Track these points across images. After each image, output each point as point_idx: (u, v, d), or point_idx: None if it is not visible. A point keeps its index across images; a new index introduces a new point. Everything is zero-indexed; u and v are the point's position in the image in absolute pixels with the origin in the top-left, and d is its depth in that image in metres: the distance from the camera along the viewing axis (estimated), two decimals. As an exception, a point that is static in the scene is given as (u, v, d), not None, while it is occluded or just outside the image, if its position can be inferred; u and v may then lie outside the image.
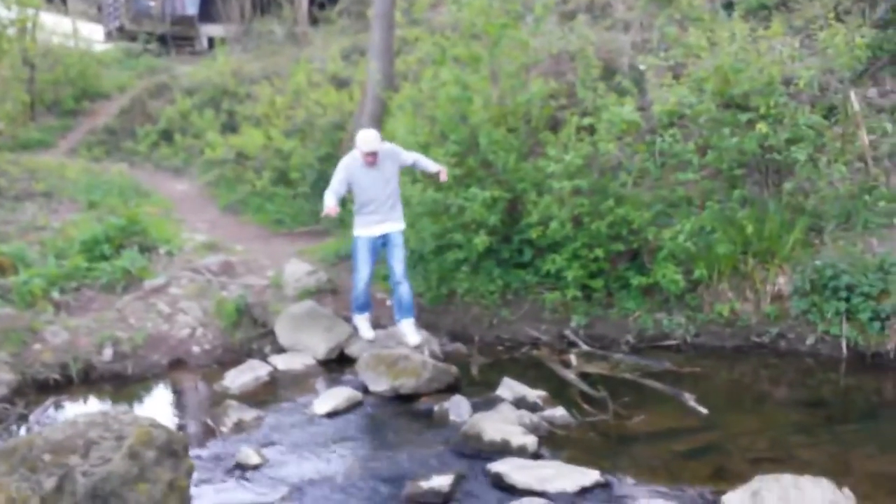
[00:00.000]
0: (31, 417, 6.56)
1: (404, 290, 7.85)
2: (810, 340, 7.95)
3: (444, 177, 8.19)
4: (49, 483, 4.54)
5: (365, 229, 7.82)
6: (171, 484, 4.76)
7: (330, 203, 7.52)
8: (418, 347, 7.62)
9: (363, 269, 7.84)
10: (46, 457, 4.66)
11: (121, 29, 25.70)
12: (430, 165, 8.23)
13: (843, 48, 9.71)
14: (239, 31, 22.77)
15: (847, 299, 7.83)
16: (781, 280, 8.32)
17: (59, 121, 19.82)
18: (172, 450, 4.87)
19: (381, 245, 7.90)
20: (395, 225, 7.92)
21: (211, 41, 23.55)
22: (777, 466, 5.17)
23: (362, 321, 8.10)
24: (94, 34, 26.88)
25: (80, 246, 9.43)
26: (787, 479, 4.84)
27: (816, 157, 8.92)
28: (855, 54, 9.89)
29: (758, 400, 7.07)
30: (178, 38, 25.09)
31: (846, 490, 4.75)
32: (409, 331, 7.84)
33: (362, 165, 7.69)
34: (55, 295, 8.47)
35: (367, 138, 7.66)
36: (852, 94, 10.13)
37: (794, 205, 8.82)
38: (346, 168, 7.76)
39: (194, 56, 23.30)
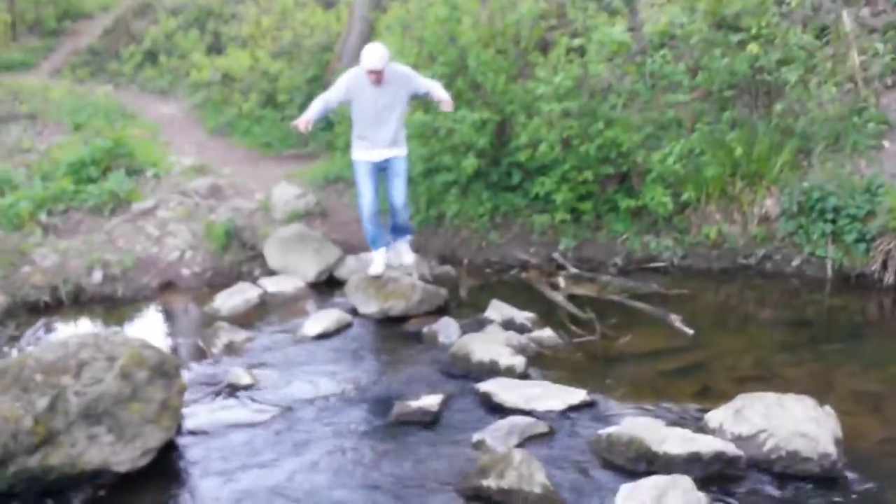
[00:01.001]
0: (23, 339, 6.57)
1: (402, 219, 7.60)
2: (796, 262, 8.00)
3: (447, 107, 7.44)
4: (42, 402, 4.58)
5: (364, 152, 7.21)
6: (164, 403, 4.81)
7: (306, 115, 7.02)
8: (410, 267, 7.56)
9: (366, 195, 7.27)
10: (38, 377, 4.68)
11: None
12: (442, 94, 7.38)
13: (837, -33, 9.59)
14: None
15: (833, 221, 7.86)
16: (769, 202, 8.33)
17: (42, 41, 19.51)
18: (164, 370, 4.91)
19: (382, 170, 7.36)
20: (397, 150, 7.28)
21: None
22: (761, 385, 5.25)
23: (377, 254, 7.44)
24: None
25: (67, 168, 9.38)
26: (770, 397, 4.91)
27: (807, 79, 8.87)
28: (849, -27, 9.79)
29: (743, 320, 7.14)
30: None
31: (827, 407, 4.81)
32: (403, 249, 7.69)
33: (369, 82, 6.93)
34: (43, 217, 8.46)
35: (371, 54, 6.79)
36: (844, 14, 10.01)
37: (784, 126, 8.78)
38: (351, 81, 7.04)
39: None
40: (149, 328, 7.04)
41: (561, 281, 7.89)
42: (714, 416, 4.90)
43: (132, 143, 10.11)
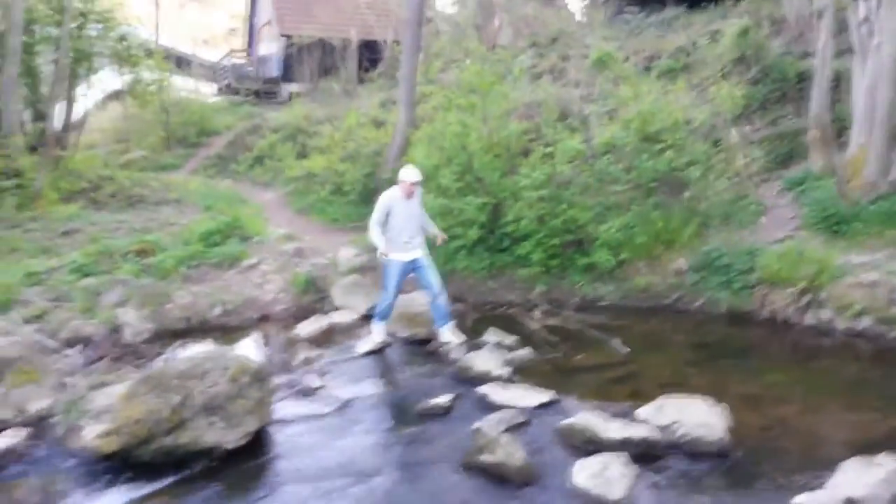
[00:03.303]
0: (165, 354, 6.61)
1: (442, 300, 6.68)
2: (699, 303, 7.95)
3: (440, 241, 7.05)
4: (176, 399, 4.59)
5: (399, 254, 6.59)
6: (260, 400, 4.81)
7: (380, 242, 6.43)
8: (460, 345, 6.57)
9: (392, 290, 6.67)
10: (174, 381, 4.70)
11: (228, 86, 25.64)
12: (431, 228, 7.03)
13: (726, 98, 9.70)
14: (309, 87, 22.72)
15: (726, 273, 7.83)
16: (681, 260, 8.31)
17: (185, 150, 19.81)
18: (260, 377, 4.91)
19: (410, 269, 6.69)
20: (421, 251, 6.73)
21: (290, 95, 23.49)
22: (675, 389, 5.18)
23: (379, 328, 6.82)
24: (209, 90, 26.86)
25: (199, 236, 9.47)
26: (682, 397, 4.88)
27: (706, 175, 8.91)
28: (735, 102, 9.88)
29: (663, 343, 7.08)
30: (267, 93, 25.00)
31: (722, 405, 4.77)
32: (449, 334, 6.68)
33: (401, 198, 6.51)
34: (182, 270, 8.52)
35: (413, 172, 6.57)
36: (732, 131, 10.10)
37: (691, 208, 8.81)
38: (387, 200, 6.54)
39: (278, 105, 23.19)
40: (253, 348, 7.04)
41: (536, 314, 7.87)
42: (642, 411, 4.86)
43: (244, 219, 10.22)
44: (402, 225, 6.58)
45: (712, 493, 4.01)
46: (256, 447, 4.70)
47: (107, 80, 18.71)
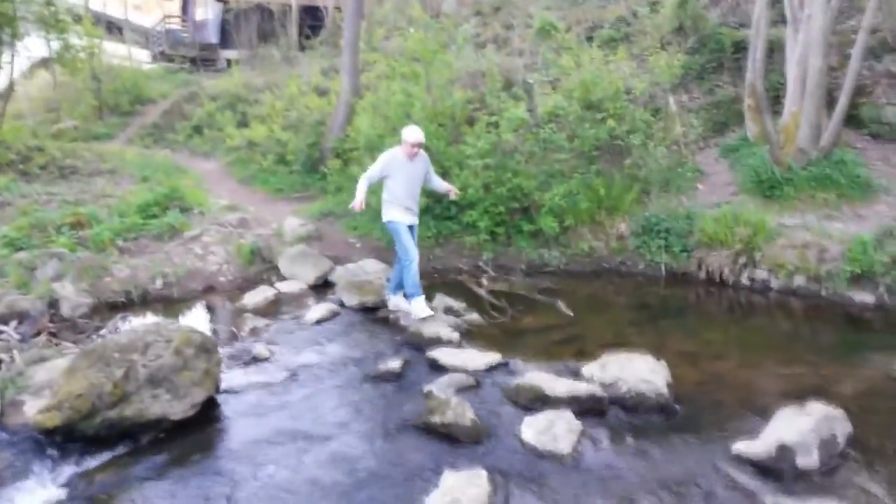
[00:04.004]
0: (104, 329, 6.42)
1: (417, 266, 6.37)
2: (641, 266, 8.17)
3: (452, 195, 6.84)
4: (118, 372, 4.48)
5: (402, 216, 6.30)
6: (206, 371, 4.72)
7: (360, 196, 6.02)
8: (430, 318, 6.25)
9: (412, 250, 6.26)
10: (116, 355, 4.58)
11: (162, 53, 24.68)
12: (443, 185, 6.80)
13: (665, 68, 9.85)
14: (248, 54, 22.07)
15: (665, 238, 8.05)
16: (622, 226, 8.50)
17: (119, 119, 19.05)
18: (206, 348, 4.82)
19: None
20: (417, 218, 6.55)
21: (228, 62, 22.78)
22: (618, 348, 5.31)
23: (420, 303, 6.34)
24: (143, 57, 25.79)
25: (137, 208, 9.18)
26: (624, 355, 5.01)
27: (646, 143, 9.08)
28: (673, 72, 10.05)
29: (606, 305, 7.26)
30: (204, 60, 24.17)
31: (662, 361, 4.93)
32: (418, 307, 6.35)
33: (405, 159, 6.20)
34: (119, 242, 8.25)
35: (416, 131, 6.19)
36: (671, 100, 10.29)
37: (632, 175, 8.99)
38: (390, 159, 6.21)
39: (216, 73, 22.48)
40: (197, 319, 6.92)
41: (484, 281, 7.95)
42: (587, 369, 4.98)
43: (183, 190, 9.93)
44: (404, 188, 6.27)
45: (654, 444, 4.15)
46: (205, 418, 4.63)
47: (33, 46, 17.74)
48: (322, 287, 7.75)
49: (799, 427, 3.89)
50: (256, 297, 7.28)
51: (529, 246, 8.62)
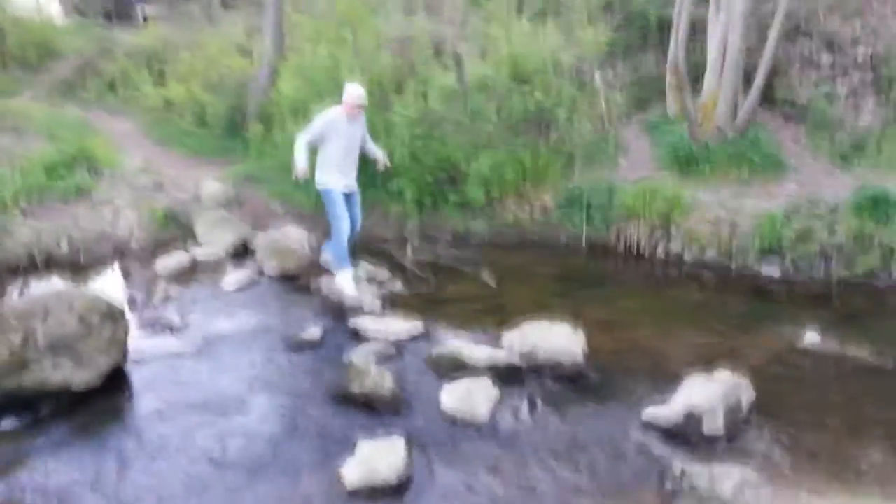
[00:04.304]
0: (5, 295, 6.02)
1: (356, 235, 6.34)
2: (563, 237, 8.26)
3: (381, 164, 6.60)
4: (16, 340, 4.22)
5: (339, 182, 5.95)
6: (112, 339, 4.51)
7: (301, 162, 5.71)
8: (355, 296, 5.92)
9: (345, 223, 5.95)
10: (13, 321, 4.30)
11: (75, 7, 23.14)
12: (376, 152, 6.54)
13: (592, 42, 9.93)
14: (167, 10, 20.96)
15: (588, 210, 8.16)
16: (547, 197, 8.55)
17: (26, 75, 17.76)
18: (112, 315, 4.59)
19: (346, 198, 6.09)
20: (355, 184, 6.26)
21: (145, 17, 21.58)
22: (539, 317, 5.35)
23: (346, 277, 6.05)
24: (54, 11, 24.10)
25: (42, 168, 8.58)
26: (544, 323, 5.05)
27: (572, 116, 9.14)
28: (599, 47, 10.14)
29: (529, 276, 7.29)
30: (119, 14, 22.80)
31: (579, 330, 5.00)
32: (344, 282, 6.04)
33: (345, 120, 5.80)
34: (22, 203, 7.72)
35: (360, 91, 5.77)
36: (597, 75, 10.41)
37: (557, 148, 9.02)
38: (329, 120, 5.78)
39: (133, 28, 21.25)
40: (105, 285, 6.56)
41: (409, 250, 7.87)
42: (507, 338, 4.99)
43: (93, 150, 9.34)
44: (343, 151, 5.89)
45: (569, 411, 4.24)
46: (111, 388, 4.43)
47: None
48: (241, 254, 7.44)
49: (706, 394, 4.04)
50: (170, 262, 6.95)
51: (455, 216, 8.57)
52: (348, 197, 6.09)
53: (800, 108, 9.68)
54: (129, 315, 4.97)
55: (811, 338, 5.38)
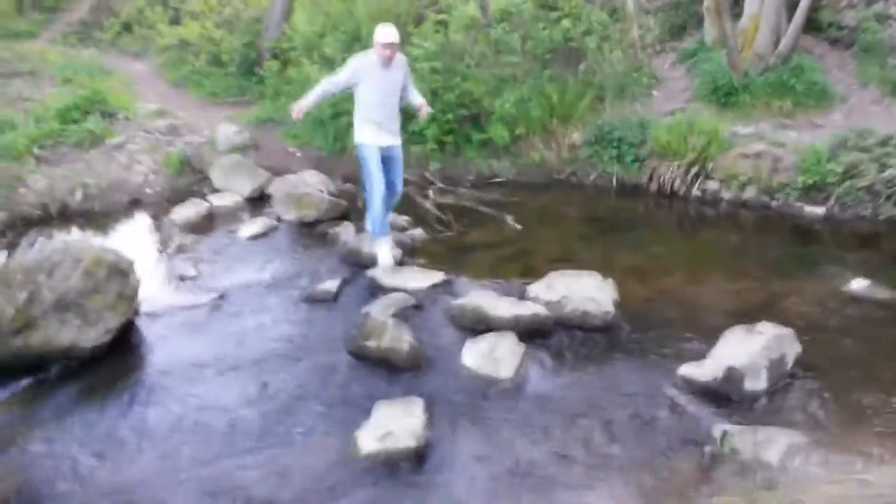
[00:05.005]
0: (18, 246, 5.87)
1: (395, 201, 5.52)
2: (592, 177, 7.88)
3: (424, 113, 5.54)
4: (22, 296, 4.06)
5: (372, 136, 5.12)
6: (120, 294, 4.33)
7: (305, 101, 5.09)
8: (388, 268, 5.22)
9: (377, 183, 5.09)
10: (19, 276, 4.14)
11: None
12: (418, 100, 5.46)
13: (624, -36, 9.26)
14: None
15: (618, 147, 7.74)
16: (575, 135, 8.13)
17: (42, 15, 17.44)
18: (120, 269, 4.40)
19: (382, 157, 5.20)
20: (397, 139, 5.31)
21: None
22: (566, 265, 5.08)
23: (383, 246, 5.28)
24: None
25: (55, 112, 8.35)
26: (571, 273, 4.80)
27: (602, 46, 8.60)
28: (633, -30, 9.47)
29: (556, 219, 6.99)
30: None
31: (609, 279, 4.72)
32: (381, 252, 5.28)
33: (378, 65, 4.97)
34: (35, 150, 7.53)
35: (388, 30, 4.90)
36: (629, 0, 9.75)
37: (586, 81, 8.53)
38: (358, 65, 5.00)
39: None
40: (119, 235, 6.39)
41: (430, 193, 7.56)
42: (532, 289, 4.74)
43: (107, 93, 9.07)
44: (376, 100, 5.08)
45: (598, 367, 3.98)
46: (122, 345, 4.28)
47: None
48: (258, 200, 7.20)
49: (748, 349, 3.74)
50: (186, 210, 6.73)
51: (479, 156, 8.21)
52: (387, 155, 5.24)
53: (847, 32, 8.97)
54: (140, 267, 4.78)
55: (859, 283, 5.00)
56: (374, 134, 5.14)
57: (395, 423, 3.33)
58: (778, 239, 6.33)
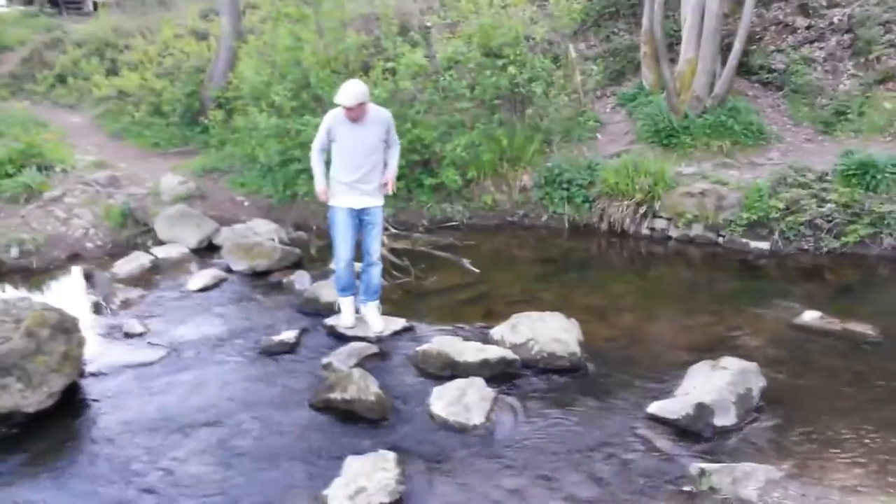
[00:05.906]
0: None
1: (376, 272, 5.03)
2: (544, 218, 7.97)
3: (388, 188, 4.94)
4: (-45, 360, 3.78)
5: (341, 198, 4.78)
6: (65, 354, 4.09)
7: (319, 178, 4.76)
8: (379, 334, 4.91)
9: (342, 249, 4.86)
10: (-48, 339, 3.87)
11: (18, -6, 22.05)
12: (391, 163, 4.93)
13: (564, 14, 9.57)
14: (118, -4, 20.05)
15: (567, 189, 7.87)
16: (525, 177, 8.24)
17: (-31, 68, 16.88)
18: (64, 327, 4.17)
19: (359, 220, 4.86)
20: (375, 200, 4.87)
21: (95, 4, 20.65)
22: (526, 306, 5.09)
23: (346, 304, 5.08)
24: (-3, 1, 22.93)
25: (-12, 167, 8.00)
26: (534, 314, 4.78)
27: (547, 91, 8.80)
28: (572, 18, 9.80)
29: (511, 261, 7.02)
30: (67, 3, 21.77)
31: (572, 319, 4.72)
32: (372, 316, 5.02)
33: (345, 120, 4.66)
34: (-34, 207, 7.18)
35: (346, 90, 4.54)
36: (570, 47, 10.07)
37: (533, 125, 8.71)
38: (330, 122, 4.72)
39: (82, 16, 20.29)
40: (59, 292, 6.09)
41: (384, 239, 7.47)
42: (496, 331, 4.71)
43: (43, 146, 8.74)
44: (348, 158, 4.73)
45: (569, 409, 3.93)
46: (67, 407, 4.03)
47: None
48: (206, 251, 7.02)
49: (714, 384, 3.77)
50: (130, 264, 6.49)
51: (431, 200, 8.22)
52: (362, 218, 4.89)
53: (777, 75, 9.45)
54: (85, 325, 4.54)
55: (811, 315, 5.13)
56: (343, 195, 4.79)
57: (366, 479, 3.19)
58: (727, 274, 6.50)
